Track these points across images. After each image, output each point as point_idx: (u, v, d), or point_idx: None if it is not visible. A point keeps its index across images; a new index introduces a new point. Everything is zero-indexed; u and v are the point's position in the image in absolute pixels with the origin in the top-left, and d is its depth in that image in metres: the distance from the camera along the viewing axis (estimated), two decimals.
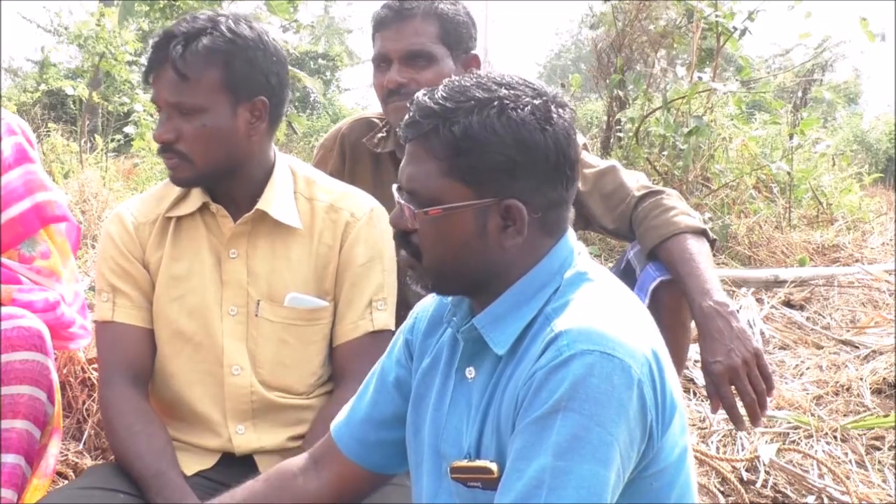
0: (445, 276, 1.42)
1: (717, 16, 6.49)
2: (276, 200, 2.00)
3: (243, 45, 1.91)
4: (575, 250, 1.44)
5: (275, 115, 1.99)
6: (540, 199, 1.38)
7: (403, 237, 1.43)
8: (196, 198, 2.01)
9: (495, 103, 1.35)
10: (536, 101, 1.37)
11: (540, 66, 39.93)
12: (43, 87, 11.37)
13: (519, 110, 1.35)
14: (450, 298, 1.50)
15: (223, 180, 1.97)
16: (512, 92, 1.36)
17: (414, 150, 1.39)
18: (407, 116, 1.40)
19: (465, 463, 1.41)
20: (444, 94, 1.37)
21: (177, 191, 2.03)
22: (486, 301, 1.42)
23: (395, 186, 1.44)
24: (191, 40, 1.89)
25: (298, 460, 1.66)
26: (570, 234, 1.46)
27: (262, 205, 1.98)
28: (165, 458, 1.89)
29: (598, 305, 1.36)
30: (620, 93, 6.96)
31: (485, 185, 1.36)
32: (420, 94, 1.40)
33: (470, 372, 1.45)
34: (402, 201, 1.40)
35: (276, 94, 1.98)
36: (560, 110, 1.38)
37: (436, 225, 1.38)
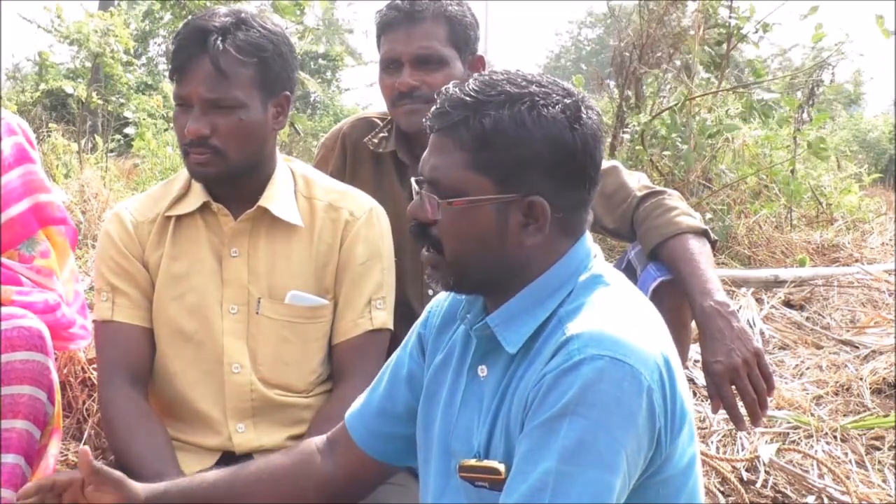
0: (466, 272, 1.41)
1: (731, 17, 6.47)
2: (277, 198, 2.00)
3: (276, 40, 1.92)
4: (591, 253, 1.44)
5: (288, 111, 2.00)
6: (563, 199, 1.37)
7: (422, 230, 1.42)
8: (196, 197, 2.01)
9: (526, 99, 1.34)
10: (567, 101, 1.36)
11: (540, 67, 39.93)
12: (43, 87, 11.37)
13: (550, 108, 1.34)
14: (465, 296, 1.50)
15: (239, 177, 1.96)
16: (543, 89, 1.36)
17: (439, 141, 1.38)
18: (435, 107, 1.39)
19: (473, 462, 1.41)
20: (476, 87, 1.36)
21: (176, 190, 2.04)
22: (501, 300, 1.41)
23: (413, 180, 1.43)
24: (227, 35, 1.88)
25: (319, 440, 1.69)
26: (588, 236, 1.45)
27: (263, 202, 1.98)
28: (165, 458, 1.90)
29: (611, 310, 1.36)
30: (630, 93, 6.93)
31: (509, 181, 1.35)
32: (450, 86, 1.39)
33: (482, 370, 1.44)
34: (424, 192, 1.39)
35: (294, 90, 1.98)
36: (589, 111, 1.38)
37: (457, 217, 1.37)
